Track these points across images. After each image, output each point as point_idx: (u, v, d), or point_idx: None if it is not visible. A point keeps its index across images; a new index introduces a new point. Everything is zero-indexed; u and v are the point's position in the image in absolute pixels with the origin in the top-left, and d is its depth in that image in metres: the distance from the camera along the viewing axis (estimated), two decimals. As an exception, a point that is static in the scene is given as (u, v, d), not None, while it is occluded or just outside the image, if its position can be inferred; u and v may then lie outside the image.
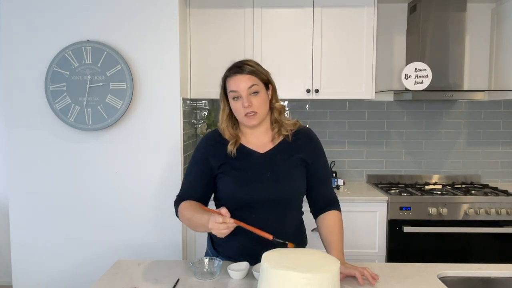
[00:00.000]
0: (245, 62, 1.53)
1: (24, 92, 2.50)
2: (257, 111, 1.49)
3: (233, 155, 1.52)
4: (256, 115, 1.49)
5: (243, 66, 1.50)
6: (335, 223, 1.58)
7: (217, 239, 1.60)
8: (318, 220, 1.63)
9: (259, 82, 1.50)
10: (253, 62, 1.54)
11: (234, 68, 1.51)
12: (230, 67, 1.53)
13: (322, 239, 1.59)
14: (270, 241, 1.41)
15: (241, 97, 1.48)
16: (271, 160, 1.54)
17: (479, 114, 3.20)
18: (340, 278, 1.29)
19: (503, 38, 2.97)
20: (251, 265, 1.50)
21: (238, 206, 1.50)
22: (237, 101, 1.49)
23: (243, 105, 1.47)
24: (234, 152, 1.52)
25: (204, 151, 1.58)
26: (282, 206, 1.54)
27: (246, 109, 1.48)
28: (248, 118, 1.50)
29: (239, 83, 1.47)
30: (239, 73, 1.48)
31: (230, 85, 1.50)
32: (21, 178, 2.54)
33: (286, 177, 1.52)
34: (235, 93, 1.48)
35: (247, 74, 1.48)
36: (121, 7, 2.47)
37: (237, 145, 1.53)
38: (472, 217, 2.62)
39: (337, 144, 3.21)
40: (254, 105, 1.48)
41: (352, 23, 2.78)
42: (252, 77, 1.48)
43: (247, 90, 1.47)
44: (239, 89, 1.47)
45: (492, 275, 1.53)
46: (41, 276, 2.56)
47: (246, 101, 1.47)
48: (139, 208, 2.55)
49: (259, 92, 1.49)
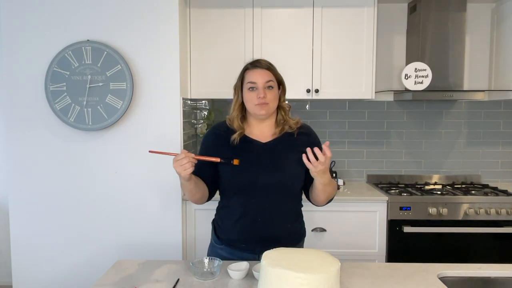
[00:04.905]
0: (265, 60, 1.69)
1: (24, 92, 2.50)
2: (269, 103, 1.62)
3: (236, 143, 1.63)
4: (267, 106, 1.61)
5: (263, 62, 1.66)
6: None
7: (219, 225, 1.71)
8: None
9: (274, 79, 1.65)
10: (270, 63, 1.69)
11: (256, 62, 1.66)
12: (251, 62, 1.68)
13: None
14: (269, 222, 1.60)
15: (257, 89, 1.61)
16: (272, 149, 1.65)
17: (479, 114, 3.20)
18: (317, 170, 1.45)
19: (503, 38, 2.97)
20: (250, 253, 1.63)
21: (238, 190, 1.63)
22: (252, 91, 1.62)
23: (258, 95, 1.60)
24: (238, 140, 1.64)
25: (210, 139, 1.71)
26: (281, 194, 1.63)
27: (260, 100, 1.60)
28: (260, 107, 1.61)
29: (259, 76, 1.62)
30: (260, 67, 1.64)
31: (249, 77, 1.63)
32: (21, 178, 2.54)
33: (284, 166, 1.62)
34: (253, 84, 1.62)
35: (266, 69, 1.64)
36: (121, 7, 2.47)
37: (241, 135, 1.65)
38: (472, 217, 2.62)
39: (337, 144, 3.21)
40: (267, 97, 1.61)
41: (352, 23, 2.78)
42: (270, 73, 1.64)
43: (264, 83, 1.61)
44: (257, 81, 1.61)
45: (492, 275, 1.53)
46: (41, 276, 2.56)
47: (262, 92, 1.60)
48: (139, 208, 2.55)
49: (273, 88, 1.64)
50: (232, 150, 1.63)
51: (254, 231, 1.62)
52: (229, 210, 1.67)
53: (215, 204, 1.77)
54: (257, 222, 1.61)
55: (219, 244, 1.70)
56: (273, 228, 1.62)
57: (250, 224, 1.62)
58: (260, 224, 1.61)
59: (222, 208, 1.72)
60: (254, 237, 1.62)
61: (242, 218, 1.63)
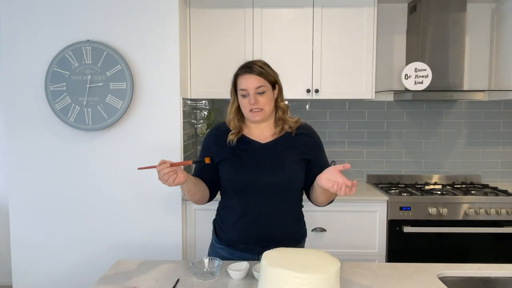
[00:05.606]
0: (255, 63, 1.63)
1: (24, 92, 2.50)
2: (263, 108, 1.60)
3: (232, 144, 1.63)
4: (261, 111, 1.60)
5: (254, 67, 1.61)
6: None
7: (219, 225, 1.71)
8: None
9: (266, 83, 1.60)
10: (263, 64, 1.64)
11: (245, 68, 1.62)
12: (242, 66, 1.64)
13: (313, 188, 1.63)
14: (268, 223, 1.59)
15: (249, 95, 1.59)
16: (271, 150, 1.64)
17: (479, 114, 3.20)
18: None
19: (503, 38, 2.97)
20: (250, 254, 1.61)
21: (237, 191, 1.63)
22: (245, 97, 1.61)
23: (250, 102, 1.59)
24: (234, 141, 1.63)
25: (210, 140, 1.71)
26: (280, 194, 1.62)
27: (252, 106, 1.59)
28: (253, 113, 1.61)
29: (248, 83, 1.59)
30: (249, 73, 1.60)
31: (240, 83, 1.61)
32: (21, 178, 2.54)
33: (284, 166, 1.61)
34: (244, 91, 1.60)
35: (256, 75, 1.59)
36: (121, 7, 2.47)
37: (238, 136, 1.65)
38: (472, 217, 2.62)
39: (337, 144, 3.21)
40: (260, 102, 1.59)
41: (352, 23, 2.77)
42: (260, 78, 1.59)
43: (255, 90, 1.58)
44: (247, 88, 1.59)
45: (492, 275, 1.53)
46: (41, 276, 2.56)
47: (253, 99, 1.58)
48: (139, 208, 2.54)
49: (266, 92, 1.60)
50: (232, 151, 1.63)
51: (254, 232, 1.62)
52: (229, 210, 1.67)
53: (215, 204, 1.77)
54: (257, 223, 1.61)
55: (219, 244, 1.70)
56: (273, 229, 1.62)
57: (250, 224, 1.62)
58: (259, 225, 1.61)
59: (223, 209, 1.72)
60: (254, 237, 1.62)
61: (242, 218, 1.63)
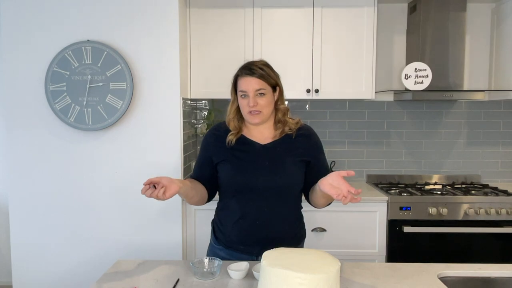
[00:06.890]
0: (256, 64, 1.61)
1: (24, 92, 2.50)
2: (262, 111, 1.59)
3: (231, 144, 1.62)
4: (260, 114, 1.59)
5: (255, 69, 1.58)
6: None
7: (218, 226, 1.70)
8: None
9: (267, 86, 1.59)
10: (264, 64, 1.61)
11: (246, 69, 1.59)
12: (243, 67, 1.62)
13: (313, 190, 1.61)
14: (267, 224, 1.58)
15: (249, 96, 1.57)
16: (271, 151, 1.62)
17: (479, 114, 3.20)
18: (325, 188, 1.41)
19: (503, 38, 2.97)
20: (249, 255, 1.61)
21: (236, 192, 1.61)
22: (244, 99, 1.60)
23: (249, 104, 1.57)
24: (233, 142, 1.62)
25: (210, 140, 1.69)
26: (279, 195, 1.61)
27: (251, 108, 1.57)
28: (252, 115, 1.59)
29: (248, 85, 1.57)
30: (250, 75, 1.57)
31: (240, 85, 1.60)
32: (21, 178, 2.54)
33: (283, 168, 1.60)
34: (244, 92, 1.59)
35: (257, 77, 1.57)
36: (121, 7, 2.47)
37: (237, 136, 1.63)
38: (472, 217, 2.62)
39: (337, 144, 3.21)
40: (259, 105, 1.58)
41: (352, 23, 2.78)
42: (261, 81, 1.57)
43: (254, 92, 1.57)
44: (247, 90, 1.57)
45: (492, 275, 1.53)
46: (41, 276, 2.56)
47: (252, 101, 1.57)
48: (139, 208, 2.54)
49: (266, 94, 1.59)
50: (231, 151, 1.62)
51: (253, 233, 1.61)
52: (228, 211, 1.66)
53: (215, 205, 1.77)
54: (256, 224, 1.60)
55: (218, 245, 1.69)
56: (272, 230, 1.60)
57: (249, 226, 1.61)
58: (258, 227, 1.60)
59: (221, 210, 1.71)
60: (253, 239, 1.61)
61: (241, 220, 1.61)
